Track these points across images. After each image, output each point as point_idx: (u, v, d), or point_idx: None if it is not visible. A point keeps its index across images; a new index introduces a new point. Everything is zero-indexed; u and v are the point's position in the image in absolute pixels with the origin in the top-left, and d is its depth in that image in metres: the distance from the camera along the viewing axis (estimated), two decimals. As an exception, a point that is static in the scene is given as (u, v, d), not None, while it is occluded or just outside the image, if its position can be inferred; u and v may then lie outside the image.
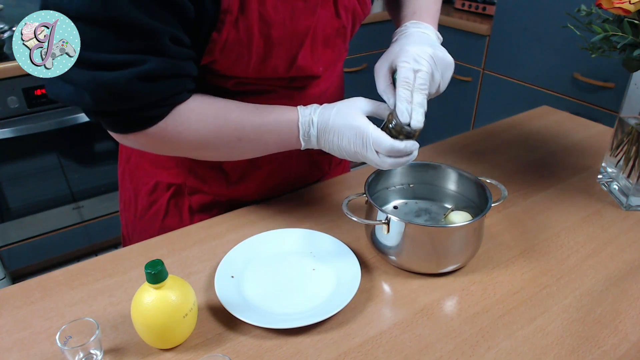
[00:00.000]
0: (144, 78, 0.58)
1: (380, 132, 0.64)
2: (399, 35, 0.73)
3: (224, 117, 0.67)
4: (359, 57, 2.42)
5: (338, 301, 0.63)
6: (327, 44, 0.75)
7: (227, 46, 0.64)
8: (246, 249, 0.73)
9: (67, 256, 2.08)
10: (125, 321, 0.62)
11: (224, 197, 0.86)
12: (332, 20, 0.73)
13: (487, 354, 0.58)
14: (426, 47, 0.67)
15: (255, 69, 0.69)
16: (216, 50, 0.64)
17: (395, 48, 0.69)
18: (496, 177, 0.92)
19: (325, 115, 0.67)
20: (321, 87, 0.82)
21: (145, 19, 0.55)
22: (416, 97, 0.64)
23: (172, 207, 0.86)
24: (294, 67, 0.71)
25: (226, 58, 0.66)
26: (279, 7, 0.64)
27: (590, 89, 1.82)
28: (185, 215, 0.86)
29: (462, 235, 0.68)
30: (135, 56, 0.57)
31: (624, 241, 0.78)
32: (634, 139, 0.83)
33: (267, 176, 0.86)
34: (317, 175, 0.95)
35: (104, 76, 0.57)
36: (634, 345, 0.60)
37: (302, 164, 0.89)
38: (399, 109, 0.63)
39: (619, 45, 0.72)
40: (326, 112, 0.68)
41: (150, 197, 0.87)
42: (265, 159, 0.82)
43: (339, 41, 0.77)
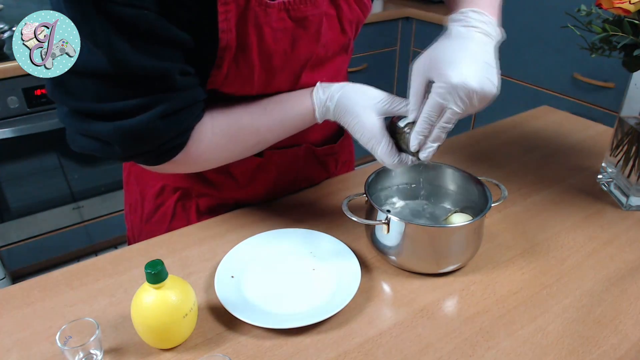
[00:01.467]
0: (164, 116, 0.58)
1: (386, 150, 0.64)
2: (451, 31, 0.61)
3: (236, 126, 0.68)
4: (359, 57, 2.42)
5: (338, 301, 0.63)
6: (332, 60, 0.75)
7: (229, 79, 0.64)
8: (246, 249, 0.73)
9: (67, 256, 2.08)
10: (125, 321, 0.62)
11: (232, 199, 0.86)
12: (338, 37, 0.73)
13: (487, 354, 0.58)
14: (472, 76, 0.55)
15: (259, 92, 0.69)
16: (218, 82, 0.64)
17: (439, 55, 0.58)
18: (496, 177, 0.92)
19: (341, 106, 0.67)
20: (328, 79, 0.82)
21: (151, 62, 0.55)
22: (435, 133, 0.60)
23: (180, 210, 0.86)
24: (297, 85, 0.72)
25: (229, 87, 0.66)
26: (278, 37, 0.62)
27: (590, 89, 1.82)
28: (193, 217, 0.86)
29: (462, 235, 0.68)
30: (151, 98, 0.57)
31: (624, 241, 0.78)
32: (633, 139, 0.83)
33: (276, 179, 0.86)
34: (324, 176, 0.95)
35: (125, 124, 0.57)
36: (634, 345, 0.60)
37: (309, 165, 0.89)
38: (412, 137, 0.62)
39: (619, 45, 0.72)
40: (342, 101, 0.67)
41: (157, 200, 0.87)
42: (274, 164, 0.83)
43: (343, 56, 0.78)
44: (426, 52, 0.61)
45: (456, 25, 0.61)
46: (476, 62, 0.57)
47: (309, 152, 0.87)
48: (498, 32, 0.63)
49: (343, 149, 0.96)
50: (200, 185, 0.83)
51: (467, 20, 0.61)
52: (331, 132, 0.90)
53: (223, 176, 0.82)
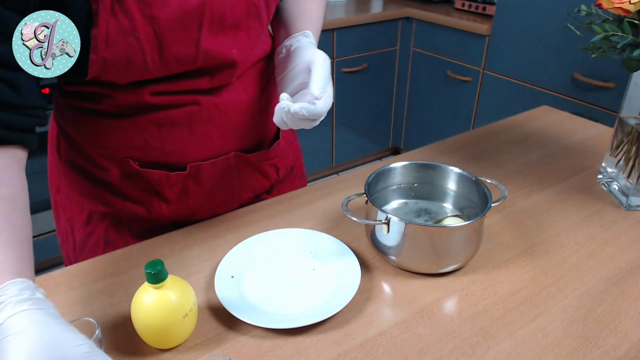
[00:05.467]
0: None
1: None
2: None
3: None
4: (359, 57, 2.42)
5: (338, 301, 0.63)
6: (237, 27, 0.69)
7: (110, 38, 0.59)
8: (246, 249, 0.73)
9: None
10: (125, 321, 0.62)
11: (166, 219, 0.80)
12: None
13: (487, 354, 0.58)
14: None
15: (156, 62, 0.64)
16: (100, 46, 0.59)
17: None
18: (496, 177, 0.92)
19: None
20: (246, 88, 0.77)
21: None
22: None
23: (113, 236, 0.80)
24: (199, 52, 0.67)
25: (116, 55, 0.61)
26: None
27: (590, 89, 1.82)
28: (130, 242, 0.79)
29: (462, 235, 0.68)
30: None
31: (624, 241, 0.78)
32: (634, 139, 0.83)
33: (210, 191, 0.80)
34: (266, 185, 0.89)
35: None
36: (634, 345, 0.60)
37: (245, 174, 0.84)
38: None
39: (619, 45, 0.72)
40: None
41: (87, 228, 0.81)
42: (204, 176, 0.78)
43: (253, 23, 0.71)
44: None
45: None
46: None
47: (241, 159, 0.81)
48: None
49: (282, 154, 0.90)
50: (128, 206, 0.78)
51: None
52: (261, 137, 0.85)
53: (148, 195, 0.77)
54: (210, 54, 0.68)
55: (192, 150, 0.76)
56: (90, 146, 0.75)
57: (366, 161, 2.86)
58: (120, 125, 0.72)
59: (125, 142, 0.73)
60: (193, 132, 0.74)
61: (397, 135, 2.82)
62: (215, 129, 0.76)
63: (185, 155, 0.76)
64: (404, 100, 2.68)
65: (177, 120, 0.72)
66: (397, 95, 2.70)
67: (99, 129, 0.73)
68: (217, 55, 0.69)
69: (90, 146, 0.75)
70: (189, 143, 0.75)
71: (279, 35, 0.81)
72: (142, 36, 0.61)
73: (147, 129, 0.72)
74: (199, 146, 0.76)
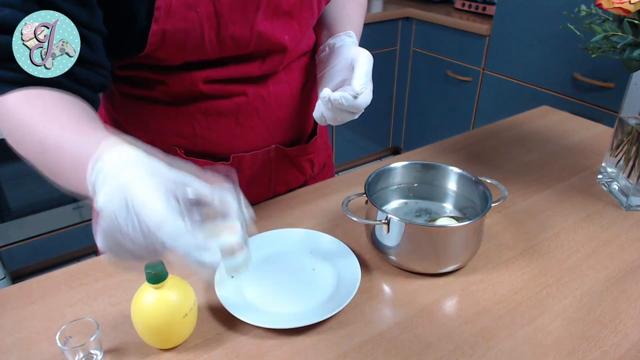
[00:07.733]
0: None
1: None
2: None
3: (24, 126, 0.54)
4: (359, 57, 2.42)
5: (338, 301, 0.63)
6: (291, 15, 0.71)
7: (173, 9, 0.61)
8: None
9: (67, 256, 2.08)
10: (125, 321, 0.62)
11: None
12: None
13: (487, 354, 0.58)
14: None
15: (212, 40, 0.65)
16: (162, 16, 0.61)
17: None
18: (496, 177, 0.92)
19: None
20: (290, 81, 0.79)
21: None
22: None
23: None
24: (253, 34, 0.68)
25: (176, 27, 0.62)
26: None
27: (590, 89, 1.82)
28: None
29: (462, 235, 0.68)
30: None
31: (624, 241, 0.78)
32: (634, 139, 0.83)
33: (249, 183, 0.82)
34: (300, 180, 0.92)
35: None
36: (634, 345, 0.60)
37: (283, 168, 0.87)
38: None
39: (619, 45, 0.72)
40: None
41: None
42: (245, 167, 0.80)
43: (305, 14, 0.74)
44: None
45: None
46: None
47: (280, 153, 0.84)
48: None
49: (318, 151, 0.93)
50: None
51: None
52: (301, 132, 0.88)
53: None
54: (263, 36, 0.69)
55: (237, 141, 0.78)
56: (139, 132, 0.77)
57: (366, 161, 2.86)
58: (170, 113, 0.74)
59: (174, 130, 0.75)
60: (239, 123, 0.76)
61: (397, 135, 2.82)
62: (260, 121, 0.78)
63: (230, 146, 0.78)
64: (404, 100, 2.68)
65: (225, 111, 0.74)
66: (397, 95, 2.70)
67: (149, 115, 0.75)
68: (270, 39, 0.70)
69: (139, 132, 0.77)
70: (234, 134, 0.77)
71: (321, 37, 0.83)
72: (202, 12, 0.63)
73: (196, 118, 0.74)
74: (244, 137, 0.78)
